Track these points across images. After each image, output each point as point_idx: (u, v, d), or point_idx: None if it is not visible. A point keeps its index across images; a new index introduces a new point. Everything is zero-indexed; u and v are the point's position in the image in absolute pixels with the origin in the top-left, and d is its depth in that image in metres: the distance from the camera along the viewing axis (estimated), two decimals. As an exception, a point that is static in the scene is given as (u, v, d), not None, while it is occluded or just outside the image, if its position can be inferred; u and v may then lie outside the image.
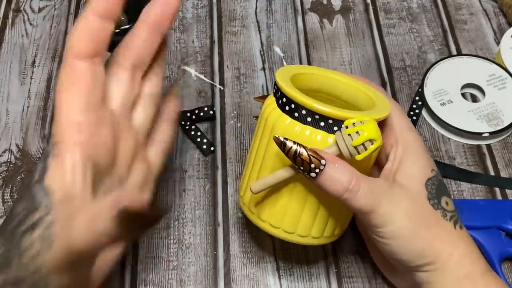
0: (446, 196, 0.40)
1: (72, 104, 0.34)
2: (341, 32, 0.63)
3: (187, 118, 0.55)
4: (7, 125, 0.56)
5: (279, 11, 0.64)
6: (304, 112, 0.37)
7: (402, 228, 0.37)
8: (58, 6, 0.65)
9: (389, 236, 0.38)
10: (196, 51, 0.61)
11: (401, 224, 0.37)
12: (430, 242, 0.38)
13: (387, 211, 0.37)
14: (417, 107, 0.56)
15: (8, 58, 0.61)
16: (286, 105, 0.39)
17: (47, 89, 0.59)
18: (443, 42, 0.61)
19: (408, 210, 0.37)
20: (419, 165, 0.39)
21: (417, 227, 0.37)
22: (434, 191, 0.39)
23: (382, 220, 0.37)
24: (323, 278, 0.47)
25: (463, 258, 0.38)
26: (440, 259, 0.38)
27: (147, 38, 0.38)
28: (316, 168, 0.35)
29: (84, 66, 0.34)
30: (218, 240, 0.49)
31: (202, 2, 0.65)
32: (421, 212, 0.38)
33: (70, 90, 0.34)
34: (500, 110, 0.55)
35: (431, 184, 0.39)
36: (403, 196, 0.38)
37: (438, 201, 0.39)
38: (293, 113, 0.38)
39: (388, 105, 0.41)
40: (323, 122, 0.37)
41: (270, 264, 0.48)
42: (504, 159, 0.53)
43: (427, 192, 0.39)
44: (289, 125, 0.38)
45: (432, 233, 0.38)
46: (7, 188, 0.52)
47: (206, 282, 0.47)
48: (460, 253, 0.38)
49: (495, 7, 0.64)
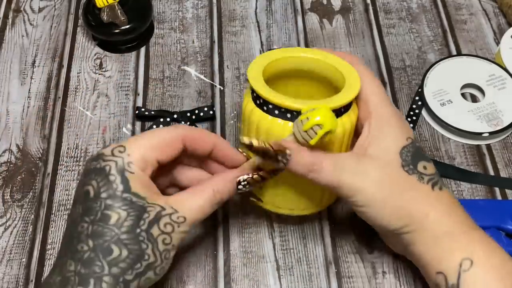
0: (424, 161, 0.42)
1: None
2: (341, 32, 0.63)
3: (187, 118, 0.55)
4: (7, 125, 0.56)
5: (279, 11, 0.64)
6: (270, 106, 0.41)
7: (373, 195, 0.40)
8: (58, 6, 0.65)
9: (362, 204, 0.40)
10: (196, 51, 0.61)
11: (370, 192, 0.40)
12: (404, 206, 0.40)
13: (352, 182, 0.40)
14: (417, 107, 0.56)
15: (8, 58, 0.61)
16: (257, 99, 0.42)
17: (47, 89, 0.59)
18: (443, 42, 0.61)
19: (378, 179, 0.40)
20: (392, 136, 0.41)
21: (388, 193, 0.40)
22: (410, 158, 0.41)
23: (349, 191, 0.40)
24: (323, 278, 0.47)
25: (441, 217, 0.40)
26: (416, 220, 0.40)
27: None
28: (284, 158, 0.39)
29: None
30: (218, 240, 0.49)
31: (202, 2, 0.65)
32: (393, 179, 0.40)
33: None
34: (499, 110, 0.55)
35: (406, 152, 0.41)
36: (372, 166, 0.40)
37: (414, 167, 0.41)
38: (263, 107, 0.42)
39: (358, 83, 0.43)
40: (289, 114, 0.41)
41: (270, 264, 0.48)
42: (503, 159, 0.53)
43: (401, 160, 0.41)
44: (262, 117, 0.42)
45: (405, 197, 0.40)
46: (7, 188, 0.52)
47: (206, 282, 0.47)
48: (438, 213, 0.40)
49: (495, 7, 0.64)
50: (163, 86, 0.58)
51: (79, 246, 0.36)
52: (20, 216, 0.50)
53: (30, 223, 0.50)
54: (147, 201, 0.37)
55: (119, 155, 0.37)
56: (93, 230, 0.36)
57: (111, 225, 0.36)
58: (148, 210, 0.37)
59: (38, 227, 0.50)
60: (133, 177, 0.37)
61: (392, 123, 0.42)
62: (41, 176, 0.53)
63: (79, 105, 0.57)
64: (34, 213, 0.50)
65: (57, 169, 0.53)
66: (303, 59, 0.46)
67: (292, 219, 0.49)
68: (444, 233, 0.39)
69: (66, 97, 0.58)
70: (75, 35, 0.63)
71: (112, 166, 0.37)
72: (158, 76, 0.59)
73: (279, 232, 0.49)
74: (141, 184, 0.37)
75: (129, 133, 0.55)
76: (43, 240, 0.49)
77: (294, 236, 0.49)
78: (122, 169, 0.37)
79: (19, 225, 0.50)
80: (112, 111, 0.57)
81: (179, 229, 0.38)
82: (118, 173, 0.37)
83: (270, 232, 0.49)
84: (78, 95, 0.58)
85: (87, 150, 0.54)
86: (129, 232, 0.36)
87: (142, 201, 0.37)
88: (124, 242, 0.36)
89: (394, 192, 0.40)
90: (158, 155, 0.38)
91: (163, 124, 0.55)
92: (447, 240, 0.39)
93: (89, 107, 0.57)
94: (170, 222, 0.37)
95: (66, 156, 0.54)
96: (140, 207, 0.36)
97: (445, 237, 0.39)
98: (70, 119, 0.56)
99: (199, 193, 0.40)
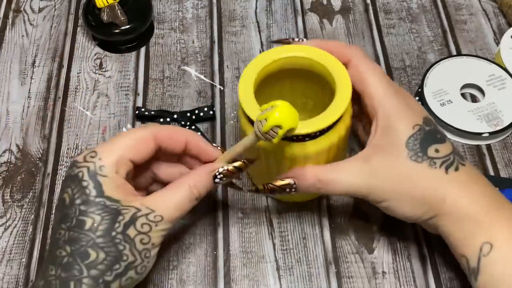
0: (436, 143, 0.41)
1: None
2: (341, 33, 0.63)
3: (187, 118, 0.55)
4: (7, 125, 0.56)
5: (279, 11, 0.64)
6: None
7: (387, 192, 0.41)
8: (58, 6, 0.65)
9: (379, 200, 0.42)
10: (196, 51, 0.61)
11: (383, 189, 0.41)
12: (420, 195, 0.40)
13: (363, 184, 0.41)
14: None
15: (8, 58, 0.61)
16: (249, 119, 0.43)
17: (47, 89, 0.59)
18: (443, 42, 0.61)
19: (388, 175, 0.41)
20: (398, 129, 0.41)
21: (400, 187, 0.41)
22: (418, 145, 0.41)
23: (362, 193, 0.41)
24: (323, 278, 0.47)
25: (458, 200, 0.40)
26: (435, 206, 0.40)
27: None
28: (290, 188, 0.42)
29: None
30: (218, 240, 0.49)
31: (202, 2, 0.65)
32: (402, 173, 0.41)
33: None
34: (499, 110, 0.55)
35: (413, 141, 0.41)
36: (381, 164, 0.41)
37: (423, 153, 0.41)
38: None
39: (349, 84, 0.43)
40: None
41: (270, 264, 0.48)
42: (503, 159, 0.53)
43: (407, 151, 0.41)
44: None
45: (419, 186, 0.40)
46: (7, 188, 0.52)
47: (206, 282, 0.47)
48: (454, 196, 0.40)
49: (495, 8, 0.64)
50: (163, 86, 0.58)
51: (58, 251, 0.37)
52: (20, 216, 0.50)
53: (30, 223, 0.50)
54: (122, 204, 0.38)
55: (91, 160, 0.38)
56: (70, 236, 0.37)
57: (86, 230, 0.37)
58: (123, 212, 0.37)
59: (38, 227, 0.50)
60: (106, 181, 0.38)
61: (398, 115, 0.42)
62: (41, 176, 0.53)
63: (79, 105, 0.57)
64: (34, 213, 0.50)
65: (57, 169, 0.53)
66: (296, 59, 0.46)
67: (292, 219, 0.50)
68: (465, 215, 0.39)
69: (66, 97, 0.58)
70: (75, 35, 0.63)
71: (85, 172, 0.38)
72: (158, 76, 0.59)
73: (279, 232, 0.49)
74: (115, 186, 0.38)
75: (129, 133, 0.55)
76: (43, 240, 0.49)
77: (294, 236, 0.49)
78: (94, 174, 0.38)
79: (19, 225, 0.50)
80: (112, 111, 0.57)
81: (157, 228, 0.38)
82: (91, 178, 0.38)
83: (270, 232, 0.49)
84: (78, 95, 0.58)
85: (87, 150, 0.54)
86: (104, 236, 0.37)
87: (116, 204, 0.37)
88: (100, 246, 0.37)
89: (406, 185, 0.41)
90: (130, 155, 0.39)
91: (163, 124, 0.55)
92: (468, 223, 0.39)
93: (89, 107, 0.57)
94: (147, 222, 0.38)
95: (66, 156, 0.54)
96: (114, 210, 0.37)
97: (466, 219, 0.39)
98: (70, 119, 0.56)
99: (175, 190, 0.40)
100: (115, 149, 0.39)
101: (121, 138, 0.40)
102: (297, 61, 0.45)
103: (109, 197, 0.37)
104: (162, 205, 0.39)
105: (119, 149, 0.39)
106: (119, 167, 0.38)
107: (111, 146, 0.39)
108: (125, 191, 0.39)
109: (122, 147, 0.39)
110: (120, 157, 0.39)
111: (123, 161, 0.39)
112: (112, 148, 0.39)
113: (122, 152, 0.39)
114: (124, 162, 0.39)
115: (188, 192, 0.40)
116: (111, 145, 0.39)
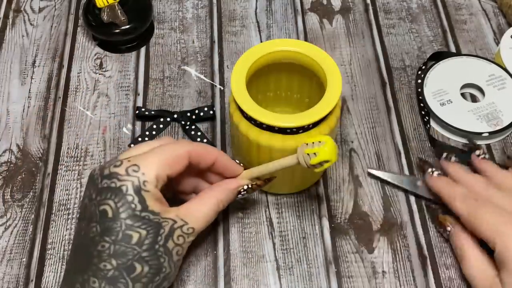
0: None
1: None
2: (341, 33, 0.63)
3: (187, 118, 0.55)
4: (8, 125, 0.56)
5: (279, 11, 0.64)
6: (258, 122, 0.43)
7: None
8: (58, 6, 0.65)
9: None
10: (196, 51, 0.61)
11: None
12: None
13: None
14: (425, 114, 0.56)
15: (8, 58, 0.61)
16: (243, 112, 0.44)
17: (47, 89, 0.59)
18: (442, 42, 0.62)
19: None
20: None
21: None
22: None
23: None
24: (323, 278, 0.47)
25: None
26: None
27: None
28: (446, 229, 0.47)
29: None
30: (218, 240, 0.49)
31: (202, 2, 0.65)
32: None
33: None
34: (499, 110, 0.55)
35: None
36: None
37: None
38: (250, 121, 0.44)
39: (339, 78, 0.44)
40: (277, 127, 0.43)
41: (270, 264, 0.48)
42: (503, 159, 0.53)
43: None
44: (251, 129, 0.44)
45: None
46: (7, 188, 0.52)
47: (206, 282, 0.47)
48: None
49: (494, 7, 0.64)
50: (163, 86, 0.58)
51: (102, 265, 0.37)
52: (20, 216, 0.50)
53: (30, 223, 0.50)
54: (161, 216, 0.39)
55: (134, 174, 0.39)
56: (115, 249, 0.38)
57: (133, 244, 0.38)
58: (163, 225, 0.39)
59: (39, 227, 0.50)
60: (149, 195, 0.39)
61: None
62: (41, 176, 0.53)
63: (79, 105, 0.57)
64: (34, 213, 0.51)
65: (57, 169, 0.53)
66: (289, 53, 0.47)
67: (292, 219, 0.50)
68: None
69: (66, 97, 0.58)
70: (75, 35, 0.63)
71: (129, 186, 0.39)
72: (158, 76, 0.59)
73: (279, 232, 0.49)
74: (155, 200, 0.39)
75: (129, 133, 0.55)
76: (43, 240, 0.49)
77: (294, 236, 0.49)
78: (138, 189, 0.39)
79: (19, 225, 0.50)
80: (112, 111, 0.57)
81: (188, 240, 0.41)
82: (135, 192, 0.39)
83: (270, 232, 0.49)
84: (78, 95, 0.58)
85: (87, 150, 0.54)
86: (149, 249, 0.38)
87: (158, 216, 0.39)
88: (145, 259, 0.38)
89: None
90: (168, 171, 0.40)
91: (163, 124, 0.55)
92: None
93: (89, 107, 0.57)
94: (182, 234, 0.40)
95: (66, 156, 0.54)
96: (156, 224, 0.39)
97: None
98: (70, 119, 0.56)
99: (205, 202, 0.43)
100: (155, 164, 0.40)
101: (160, 152, 0.41)
102: (289, 55, 0.47)
103: (152, 211, 0.39)
104: (193, 217, 0.41)
105: (159, 165, 0.40)
106: (158, 182, 0.40)
107: (152, 159, 0.40)
108: (161, 203, 0.40)
109: (162, 162, 0.40)
110: (160, 172, 0.40)
111: (162, 177, 0.40)
112: (152, 162, 0.40)
113: (161, 168, 0.40)
114: (162, 178, 0.40)
115: (216, 206, 0.43)
116: (151, 159, 0.40)
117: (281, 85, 0.51)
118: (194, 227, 0.41)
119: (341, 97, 0.56)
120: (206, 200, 0.43)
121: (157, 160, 0.40)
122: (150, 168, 0.39)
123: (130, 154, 0.41)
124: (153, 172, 0.39)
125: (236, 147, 0.49)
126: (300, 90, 0.51)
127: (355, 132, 0.55)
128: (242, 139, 0.46)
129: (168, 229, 0.39)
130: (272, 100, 0.52)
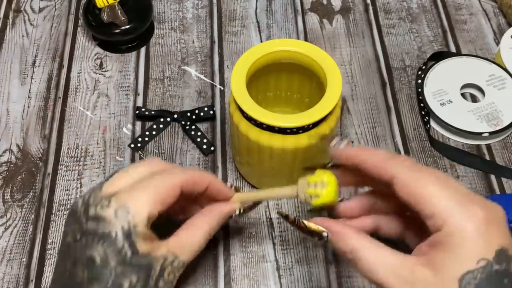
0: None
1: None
2: (341, 33, 0.63)
3: (187, 118, 0.55)
4: (8, 125, 0.56)
5: (279, 11, 0.64)
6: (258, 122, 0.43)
7: None
8: (58, 6, 0.65)
9: None
10: (196, 51, 0.61)
11: None
12: None
13: (396, 286, 0.33)
14: (426, 114, 0.56)
15: (8, 58, 0.61)
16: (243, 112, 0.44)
17: (47, 89, 0.59)
18: (442, 42, 0.62)
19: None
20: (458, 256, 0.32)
21: None
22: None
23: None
24: (323, 278, 0.47)
25: None
26: None
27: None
28: (321, 238, 0.37)
29: None
30: (218, 240, 0.49)
31: (202, 2, 0.65)
32: None
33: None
34: (499, 110, 0.55)
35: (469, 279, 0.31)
36: (421, 285, 0.32)
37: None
38: (250, 121, 0.44)
39: (339, 79, 0.44)
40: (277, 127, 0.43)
41: (270, 264, 0.48)
42: (503, 159, 0.53)
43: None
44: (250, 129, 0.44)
45: None
46: (7, 188, 0.52)
47: (206, 282, 0.47)
48: None
49: (495, 7, 0.64)
50: (163, 86, 0.58)
51: None
52: (20, 216, 0.50)
53: (30, 223, 0.50)
54: (152, 255, 0.37)
55: (123, 217, 0.36)
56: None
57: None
58: (154, 265, 0.37)
59: (38, 227, 0.50)
60: (139, 237, 0.37)
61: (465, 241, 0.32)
62: (41, 176, 0.53)
63: (79, 105, 0.57)
64: (34, 213, 0.51)
65: (57, 169, 0.53)
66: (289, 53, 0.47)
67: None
68: None
69: (67, 97, 0.58)
70: (75, 35, 0.63)
71: (118, 232, 0.36)
72: (158, 76, 0.59)
73: (279, 232, 0.49)
74: (145, 240, 0.37)
75: (129, 133, 0.55)
76: (43, 240, 0.49)
77: (294, 236, 0.49)
78: (128, 234, 0.36)
79: (19, 225, 0.50)
80: (112, 111, 0.57)
81: (178, 274, 0.39)
82: (125, 237, 0.36)
83: (270, 232, 0.49)
84: (79, 95, 0.58)
85: (87, 150, 0.54)
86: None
87: (148, 257, 0.37)
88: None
89: None
90: (160, 208, 0.38)
91: (163, 124, 0.55)
92: None
93: (89, 107, 0.57)
94: (172, 270, 0.38)
95: (66, 156, 0.54)
96: (147, 265, 0.37)
97: None
98: (71, 119, 0.56)
99: (196, 232, 0.41)
100: (146, 203, 0.37)
101: (151, 186, 0.38)
102: (289, 55, 0.47)
103: (143, 254, 0.37)
104: (185, 249, 0.39)
105: (150, 203, 0.37)
106: (149, 221, 0.37)
107: (143, 198, 0.37)
108: (152, 241, 0.38)
109: (153, 200, 0.37)
110: (152, 210, 0.37)
111: (153, 215, 0.38)
112: (143, 201, 0.37)
113: (153, 206, 0.37)
114: (154, 215, 0.38)
115: (208, 234, 0.41)
116: (142, 196, 0.37)
117: (281, 85, 0.51)
118: (184, 261, 0.39)
119: (341, 97, 0.56)
120: (198, 229, 0.41)
121: (148, 199, 0.37)
122: (141, 208, 0.37)
123: (118, 184, 0.38)
124: (145, 212, 0.37)
125: (236, 147, 0.49)
126: (300, 90, 0.51)
127: (355, 132, 0.55)
128: (242, 139, 0.45)
129: (159, 268, 0.37)
130: (272, 100, 0.52)
